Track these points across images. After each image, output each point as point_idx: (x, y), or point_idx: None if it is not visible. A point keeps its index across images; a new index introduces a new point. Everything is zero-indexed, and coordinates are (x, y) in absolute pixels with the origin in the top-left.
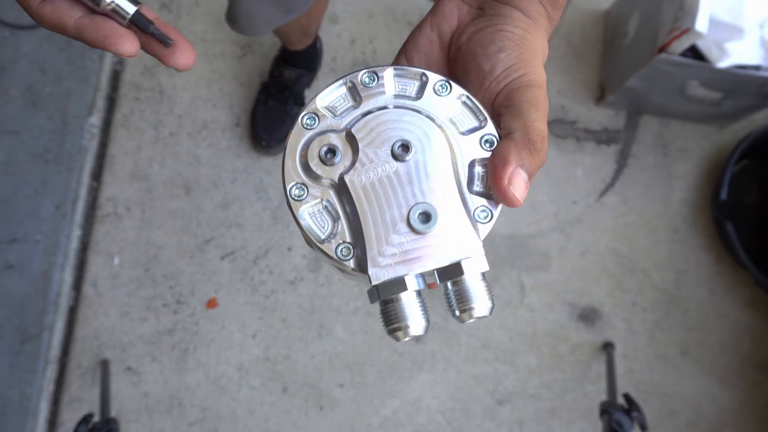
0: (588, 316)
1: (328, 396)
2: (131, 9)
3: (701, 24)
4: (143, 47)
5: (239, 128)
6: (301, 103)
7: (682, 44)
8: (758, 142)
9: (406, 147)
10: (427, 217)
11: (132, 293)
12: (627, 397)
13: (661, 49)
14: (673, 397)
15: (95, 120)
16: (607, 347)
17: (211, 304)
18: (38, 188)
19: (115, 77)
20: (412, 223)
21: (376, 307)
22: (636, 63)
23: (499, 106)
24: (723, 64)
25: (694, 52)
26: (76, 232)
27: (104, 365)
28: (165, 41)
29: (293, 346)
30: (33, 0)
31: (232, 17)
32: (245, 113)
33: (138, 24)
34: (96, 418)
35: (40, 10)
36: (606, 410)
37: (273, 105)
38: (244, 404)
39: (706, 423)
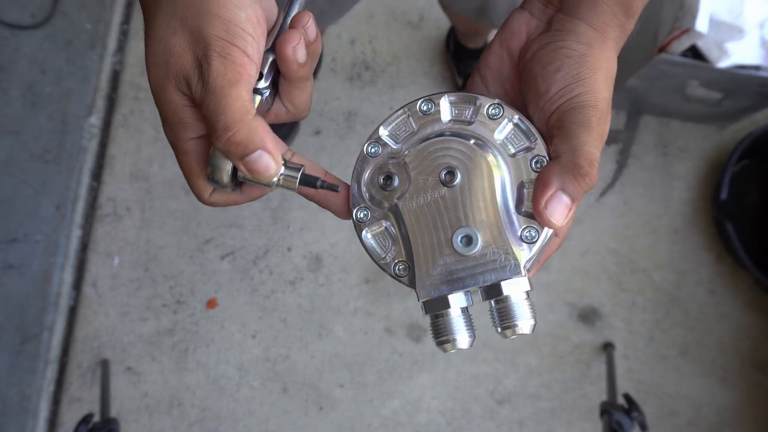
0: (588, 316)
1: (328, 396)
2: (297, 174)
3: (701, 24)
4: (310, 197)
5: None
6: None
7: (682, 44)
8: (758, 142)
9: (451, 173)
10: (469, 240)
11: (132, 293)
12: (627, 397)
13: (661, 49)
14: (673, 397)
15: (95, 120)
16: (607, 347)
17: (211, 304)
18: (38, 188)
19: (115, 77)
20: (455, 245)
21: (376, 308)
22: (636, 63)
23: (552, 128)
24: (723, 64)
25: (694, 52)
26: (76, 232)
27: (104, 365)
28: (333, 188)
29: (293, 346)
30: (205, 193)
31: None
32: None
33: (308, 184)
34: (96, 418)
35: (211, 199)
36: (606, 410)
37: None
38: (243, 404)
39: (706, 423)
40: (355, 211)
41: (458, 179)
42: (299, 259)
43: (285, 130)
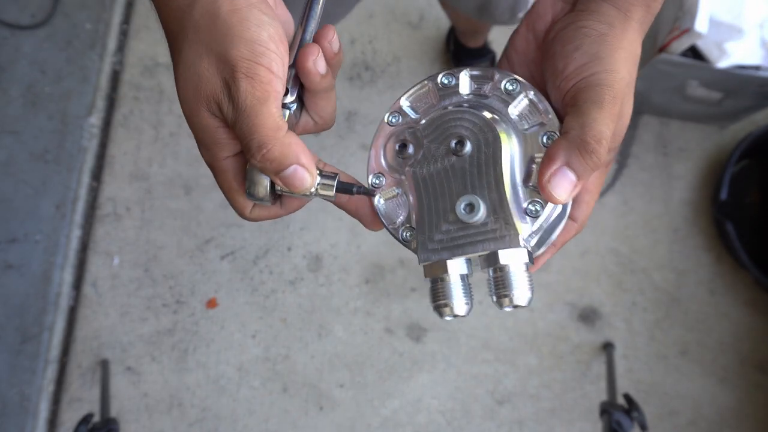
0: (588, 316)
1: (328, 396)
2: (333, 182)
3: (701, 24)
4: (342, 206)
5: None
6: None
7: (682, 44)
8: (758, 142)
9: (461, 143)
10: (471, 207)
11: (132, 293)
12: (627, 397)
13: (661, 49)
14: (673, 397)
15: (95, 120)
16: (607, 347)
17: (211, 304)
18: (38, 188)
19: (115, 77)
20: (458, 213)
21: (376, 308)
22: None
23: (566, 106)
24: (723, 64)
25: (694, 52)
26: (76, 232)
27: (104, 365)
28: (370, 193)
29: (293, 346)
30: (245, 209)
31: None
32: None
33: (344, 191)
34: (96, 418)
35: (252, 214)
36: (606, 410)
37: None
38: (243, 404)
39: (706, 423)
40: (370, 177)
41: (467, 149)
42: (299, 259)
43: None
